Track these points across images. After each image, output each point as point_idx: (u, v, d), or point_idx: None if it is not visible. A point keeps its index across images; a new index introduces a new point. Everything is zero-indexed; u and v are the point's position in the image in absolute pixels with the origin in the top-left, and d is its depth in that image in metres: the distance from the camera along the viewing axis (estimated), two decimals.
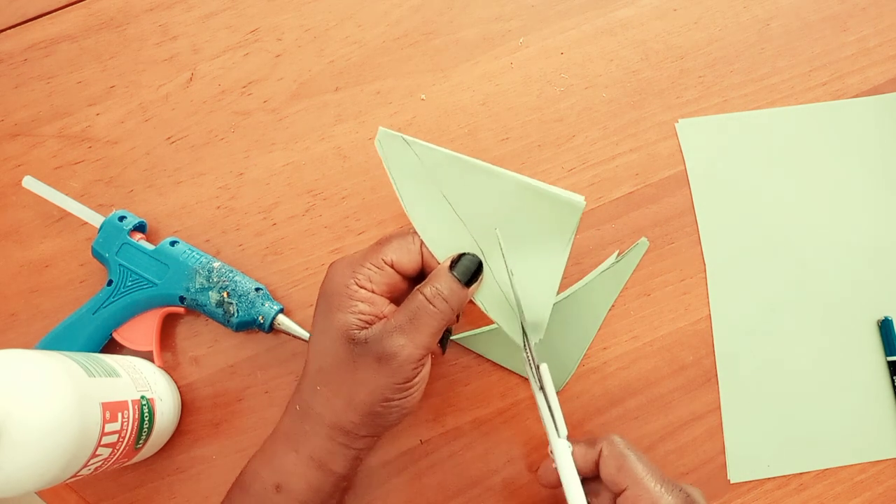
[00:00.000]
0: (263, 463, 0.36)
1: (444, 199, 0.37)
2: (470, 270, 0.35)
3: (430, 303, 0.34)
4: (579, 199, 0.36)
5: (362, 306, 0.34)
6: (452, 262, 0.36)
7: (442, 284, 0.35)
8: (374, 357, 0.34)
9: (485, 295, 0.37)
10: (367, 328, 0.34)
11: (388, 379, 0.34)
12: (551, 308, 0.37)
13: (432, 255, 0.36)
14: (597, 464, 0.36)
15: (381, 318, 0.35)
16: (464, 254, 0.36)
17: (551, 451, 0.36)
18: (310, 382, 0.36)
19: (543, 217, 0.36)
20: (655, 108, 0.47)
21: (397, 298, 0.36)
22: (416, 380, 0.35)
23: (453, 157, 0.37)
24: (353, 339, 0.34)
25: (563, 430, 0.36)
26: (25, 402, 0.30)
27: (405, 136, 0.37)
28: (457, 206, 0.37)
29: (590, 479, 0.37)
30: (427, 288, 0.35)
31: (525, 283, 0.37)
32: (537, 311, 0.37)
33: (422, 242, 0.36)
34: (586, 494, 0.36)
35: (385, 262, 0.35)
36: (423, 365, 0.35)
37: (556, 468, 0.36)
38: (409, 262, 0.36)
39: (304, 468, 0.35)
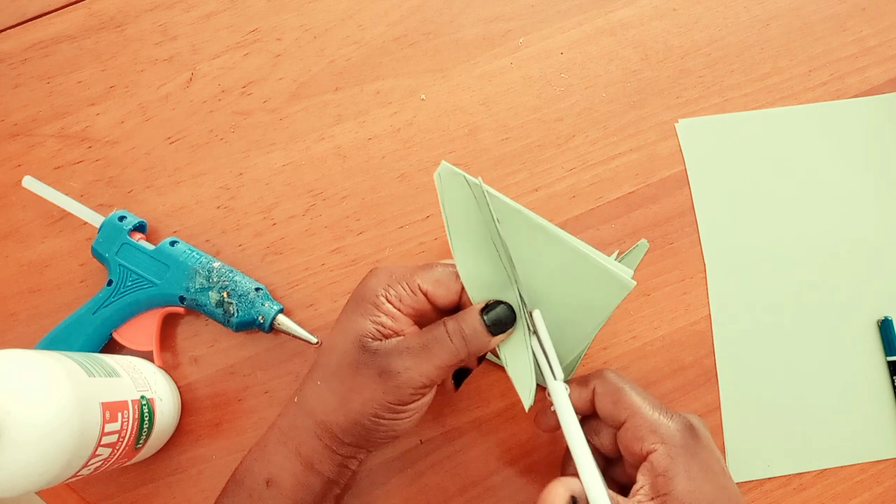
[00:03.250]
0: (256, 457, 0.36)
1: (492, 246, 0.36)
2: (500, 320, 0.35)
3: (449, 337, 0.34)
4: (629, 279, 0.36)
5: (384, 319, 0.34)
6: (487, 305, 0.35)
7: (467, 324, 0.34)
8: (377, 369, 0.33)
9: (510, 349, 0.36)
10: (381, 340, 0.34)
11: (383, 395, 0.34)
12: (570, 372, 0.37)
13: (483, 301, 0.36)
14: (592, 402, 0.35)
15: (399, 335, 0.35)
16: (502, 302, 0.35)
17: (548, 395, 0.36)
18: (313, 377, 0.36)
19: (589, 286, 0.36)
20: (655, 108, 0.47)
21: (423, 323, 0.36)
22: (411, 406, 0.35)
23: (513, 209, 0.36)
24: (364, 347, 0.34)
25: (560, 374, 0.35)
26: (25, 402, 0.30)
27: (467, 176, 0.36)
28: (506, 252, 0.36)
29: (588, 419, 0.36)
30: (451, 322, 0.34)
31: (551, 343, 0.36)
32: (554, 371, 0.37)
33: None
34: (585, 435, 0.35)
35: (420, 289, 0.35)
36: (423, 394, 0.35)
37: (554, 411, 0.35)
38: (444, 296, 0.36)
39: (292, 464, 0.35)
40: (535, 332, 0.36)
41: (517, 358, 0.36)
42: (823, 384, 0.44)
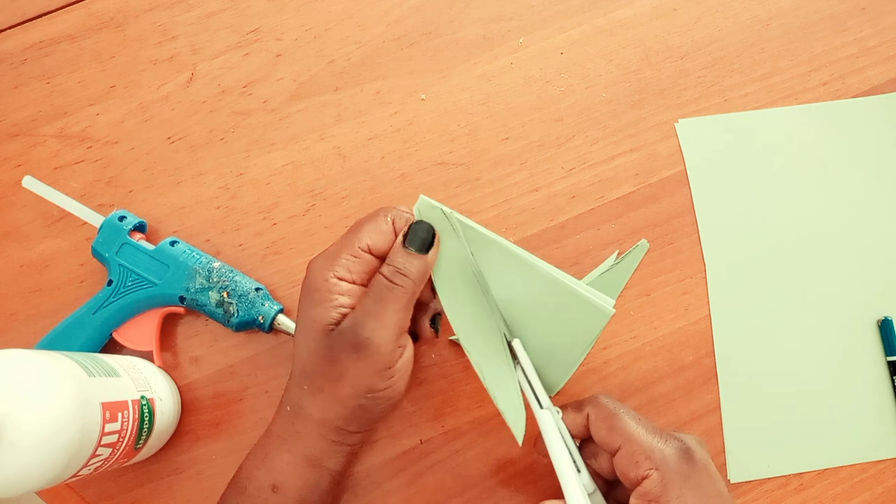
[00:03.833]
0: (258, 463, 0.36)
1: (473, 277, 0.36)
2: (424, 240, 0.35)
3: (391, 281, 0.34)
4: (609, 307, 0.35)
5: (342, 299, 0.34)
6: (404, 235, 0.35)
7: (399, 260, 0.34)
8: (350, 348, 0.33)
9: (497, 383, 0.36)
10: (342, 322, 0.34)
11: (367, 367, 0.34)
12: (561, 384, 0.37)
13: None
14: (587, 427, 0.35)
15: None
16: (413, 223, 0.35)
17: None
18: (297, 382, 0.36)
19: (569, 315, 0.36)
20: (655, 108, 0.47)
21: None
22: (398, 365, 0.35)
23: (490, 239, 0.36)
24: (330, 334, 0.34)
25: (545, 401, 0.35)
26: (25, 403, 0.30)
27: (444, 208, 0.36)
28: (485, 284, 0.36)
29: (586, 442, 0.36)
30: (385, 268, 0.34)
31: (534, 372, 0.37)
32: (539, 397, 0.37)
33: (394, 219, 0.36)
34: (584, 458, 0.36)
35: (361, 250, 0.35)
36: (401, 347, 0.35)
37: None
38: (385, 243, 0.35)
39: (298, 468, 0.35)
40: (518, 362, 0.36)
41: (505, 392, 0.36)
42: (823, 384, 0.44)
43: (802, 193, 0.46)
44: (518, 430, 0.36)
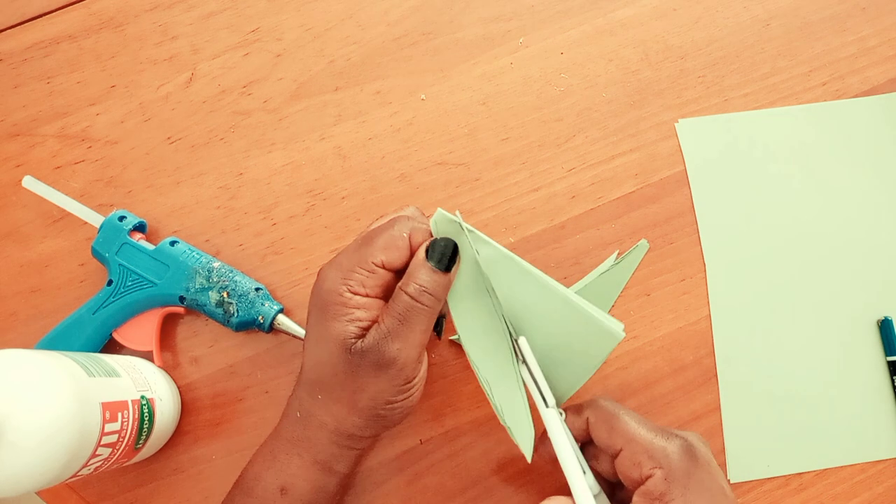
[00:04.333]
0: (266, 466, 0.36)
1: (485, 292, 0.36)
2: (446, 256, 0.34)
3: (417, 301, 0.33)
4: (619, 329, 0.35)
5: (359, 313, 0.34)
6: (427, 251, 0.34)
7: (423, 279, 0.34)
8: (373, 365, 0.33)
9: (504, 398, 0.36)
10: (363, 336, 0.34)
11: (388, 383, 0.34)
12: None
13: (421, 246, 0.35)
14: (587, 431, 0.35)
15: (375, 322, 0.34)
16: (435, 240, 0.35)
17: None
18: (309, 390, 0.36)
19: (580, 336, 0.36)
20: (655, 108, 0.47)
21: (390, 293, 0.35)
22: (416, 379, 0.35)
23: (506, 256, 0.36)
24: (351, 350, 0.33)
25: (551, 400, 0.35)
26: (25, 403, 0.30)
27: (462, 223, 0.35)
28: (496, 300, 0.36)
29: (587, 445, 0.36)
30: (410, 286, 0.34)
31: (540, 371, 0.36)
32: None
33: (409, 235, 0.35)
34: (586, 460, 0.35)
35: (376, 265, 0.34)
36: (421, 362, 0.35)
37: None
38: (399, 258, 0.35)
39: (308, 471, 0.36)
40: (524, 361, 0.36)
41: (512, 408, 0.36)
42: (823, 384, 0.44)
43: (802, 193, 0.46)
44: (527, 447, 0.36)
